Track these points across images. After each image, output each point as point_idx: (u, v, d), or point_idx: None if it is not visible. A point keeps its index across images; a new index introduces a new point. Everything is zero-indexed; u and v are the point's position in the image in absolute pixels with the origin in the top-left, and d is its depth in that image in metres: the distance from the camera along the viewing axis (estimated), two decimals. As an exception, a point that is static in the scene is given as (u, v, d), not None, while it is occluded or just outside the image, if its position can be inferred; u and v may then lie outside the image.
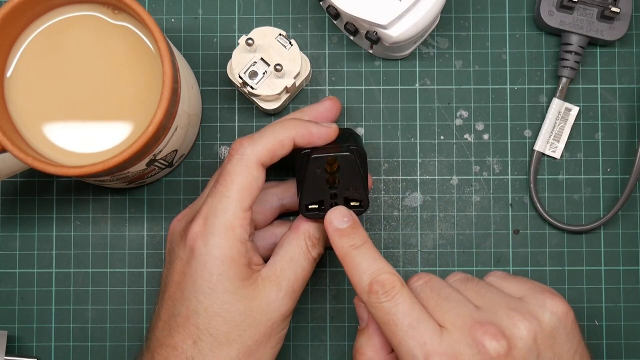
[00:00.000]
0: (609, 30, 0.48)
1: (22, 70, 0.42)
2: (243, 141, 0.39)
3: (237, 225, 0.38)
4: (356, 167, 0.40)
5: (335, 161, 0.40)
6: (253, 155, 0.39)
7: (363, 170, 0.41)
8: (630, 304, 0.49)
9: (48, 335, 0.49)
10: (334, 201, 0.41)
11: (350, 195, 0.41)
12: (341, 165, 0.40)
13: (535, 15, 0.49)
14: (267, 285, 0.39)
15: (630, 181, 0.48)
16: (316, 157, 0.40)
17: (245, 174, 0.39)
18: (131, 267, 0.49)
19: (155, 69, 0.42)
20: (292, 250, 0.40)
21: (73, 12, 0.43)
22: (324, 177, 0.40)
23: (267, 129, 0.41)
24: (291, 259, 0.40)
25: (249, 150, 0.39)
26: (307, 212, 0.41)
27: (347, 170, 0.40)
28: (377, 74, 0.50)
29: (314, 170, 0.40)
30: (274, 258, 0.40)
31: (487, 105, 0.50)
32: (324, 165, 0.40)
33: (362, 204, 0.41)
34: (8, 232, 0.49)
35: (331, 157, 0.40)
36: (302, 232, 0.41)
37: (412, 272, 0.49)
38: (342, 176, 0.41)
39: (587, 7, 0.48)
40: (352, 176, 0.41)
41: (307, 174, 0.40)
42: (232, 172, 0.39)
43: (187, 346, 0.38)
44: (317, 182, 0.40)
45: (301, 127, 0.41)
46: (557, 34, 0.49)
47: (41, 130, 0.42)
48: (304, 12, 0.50)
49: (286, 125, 0.40)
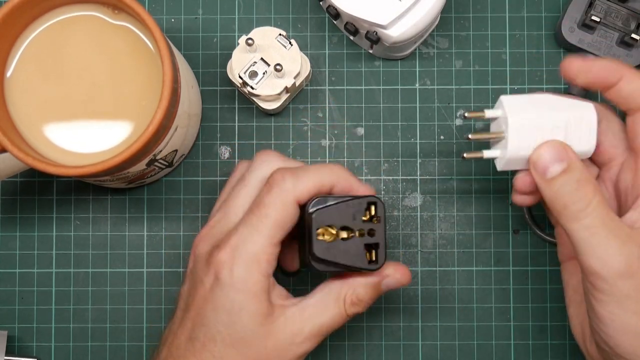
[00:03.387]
0: (626, 57, 0.48)
1: (22, 70, 0.42)
2: (286, 175, 0.38)
3: (264, 260, 0.37)
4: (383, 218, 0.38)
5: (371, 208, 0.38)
6: (293, 192, 0.37)
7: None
8: (630, 304, 0.49)
9: (48, 335, 0.49)
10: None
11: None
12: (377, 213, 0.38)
13: (556, 31, 0.49)
14: (289, 326, 0.38)
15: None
16: (353, 200, 0.37)
17: (282, 210, 0.37)
18: (131, 267, 0.49)
19: (155, 69, 0.42)
20: (327, 300, 0.39)
21: (73, 12, 0.43)
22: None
23: (310, 168, 0.39)
24: (324, 309, 0.38)
25: (290, 186, 0.37)
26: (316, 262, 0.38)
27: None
28: (377, 74, 0.50)
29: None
30: (307, 300, 0.39)
31: (487, 105, 0.50)
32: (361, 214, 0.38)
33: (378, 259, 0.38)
34: (8, 232, 0.49)
35: (373, 199, 0.38)
36: (347, 285, 0.39)
37: (411, 272, 0.49)
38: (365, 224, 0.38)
39: (609, 31, 0.48)
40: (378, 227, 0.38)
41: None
42: (269, 205, 0.37)
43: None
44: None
45: (344, 176, 0.39)
46: (574, 52, 0.49)
47: (41, 130, 0.42)
48: (304, 12, 0.50)
49: (331, 171, 0.39)
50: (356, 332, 0.49)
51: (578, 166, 0.36)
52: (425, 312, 0.49)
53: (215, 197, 0.49)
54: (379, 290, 0.40)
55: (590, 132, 0.37)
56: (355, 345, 0.49)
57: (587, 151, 0.38)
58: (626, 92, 0.37)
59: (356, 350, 0.49)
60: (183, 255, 0.49)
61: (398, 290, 0.49)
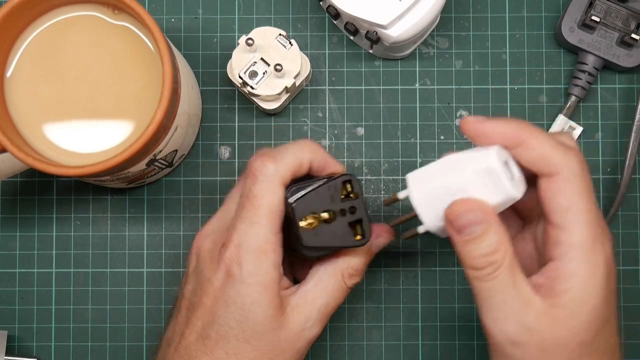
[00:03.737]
0: (626, 56, 0.48)
1: (22, 70, 0.42)
2: (265, 161, 0.38)
3: (270, 249, 0.37)
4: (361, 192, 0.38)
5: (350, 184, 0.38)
6: (277, 176, 0.37)
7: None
8: (630, 303, 0.49)
9: (48, 335, 0.49)
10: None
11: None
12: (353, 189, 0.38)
13: (556, 31, 0.49)
14: (297, 314, 0.38)
15: (623, 182, 0.48)
16: (332, 180, 0.38)
17: (272, 196, 0.37)
18: (131, 267, 0.49)
19: (155, 69, 0.42)
20: (326, 279, 0.39)
21: (73, 12, 0.43)
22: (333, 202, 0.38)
23: (286, 148, 0.39)
24: (324, 289, 0.39)
25: (273, 171, 0.37)
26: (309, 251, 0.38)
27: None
28: (377, 74, 0.50)
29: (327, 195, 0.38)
30: (306, 285, 0.39)
31: (487, 105, 0.50)
32: (339, 191, 0.38)
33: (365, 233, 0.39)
34: (8, 232, 0.49)
35: (348, 178, 0.38)
36: (340, 260, 0.39)
37: (411, 272, 0.49)
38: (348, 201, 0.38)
39: (609, 31, 0.48)
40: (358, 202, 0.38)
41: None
42: (259, 195, 0.37)
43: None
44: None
45: (319, 152, 0.39)
46: (574, 52, 0.49)
47: (41, 130, 0.42)
48: (304, 12, 0.50)
49: (306, 148, 0.39)
50: (356, 332, 0.49)
51: (491, 228, 0.35)
52: (425, 312, 0.49)
53: (216, 197, 0.49)
54: (372, 255, 0.41)
55: (497, 180, 0.35)
56: (355, 345, 0.49)
57: (505, 199, 0.35)
58: (526, 159, 0.35)
59: (356, 350, 0.49)
60: (183, 255, 0.49)
61: (398, 291, 0.49)
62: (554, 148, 0.34)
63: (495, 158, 0.34)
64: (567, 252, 0.34)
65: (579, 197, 0.34)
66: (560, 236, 0.35)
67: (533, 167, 0.35)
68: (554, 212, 0.35)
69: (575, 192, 0.34)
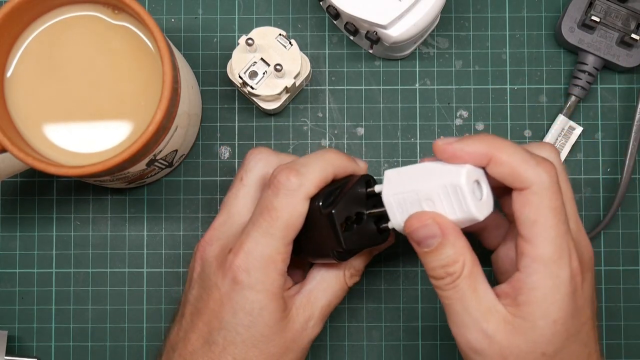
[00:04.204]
0: (626, 56, 0.48)
1: (22, 70, 0.42)
2: (290, 175, 0.37)
3: (279, 260, 0.38)
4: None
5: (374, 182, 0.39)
6: (301, 191, 0.37)
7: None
8: (630, 303, 0.49)
9: (48, 335, 0.49)
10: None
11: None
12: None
13: (556, 31, 0.49)
14: (300, 314, 0.39)
15: (623, 182, 0.48)
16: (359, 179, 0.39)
17: (292, 211, 0.37)
18: (131, 267, 0.49)
19: (155, 69, 0.42)
20: (328, 278, 0.40)
21: (73, 12, 0.43)
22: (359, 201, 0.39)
23: (311, 162, 0.39)
24: (326, 288, 0.40)
25: (297, 186, 0.37)
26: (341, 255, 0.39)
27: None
28: (377, 74, 0.50)
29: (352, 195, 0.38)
30: (308, 284, 0.40)
31: (487, 105, 0.50)
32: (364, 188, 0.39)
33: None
34: (8, 232, 0.49)
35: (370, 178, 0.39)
36: (343, 262, 0.40)
37: (411, 271, 0.49)
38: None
39: (608, 31, 0.48)
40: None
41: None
42: (279, 208, 0.37)
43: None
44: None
45: (343, 162, 0.39)
46: (574, 52, 0.49)
47: (41, 130, 0.42)
48: (304, 12, 0.50)
49: (330, 162, 0.39)
50: (356, 332, 0.49)
51: (447, 242, 0.35)
52: (425, 312, 0.49)
53: (216, 197, 0.49)
54: (372, 255, 0.42)
55: (462, 198, 0.35)
56: (355, 345, 0.49)
57: (466, 218, 0.35)
58: (498, 174, 0.35)
59: (356, 350, 0.49)
60: (183, 256, 0.49)
61: (398, 291, 0.49)
62: (525, 162, 0.35)
63: (464, 177, 0.35)
64: (530, 265, 0.35)
65: (547, 211, 0.34)
66: (525, 248, 0.35)
67: (505, 181, 0.35)
68: (522, 225, 0.35)
69: (543, 207, 0.34)
